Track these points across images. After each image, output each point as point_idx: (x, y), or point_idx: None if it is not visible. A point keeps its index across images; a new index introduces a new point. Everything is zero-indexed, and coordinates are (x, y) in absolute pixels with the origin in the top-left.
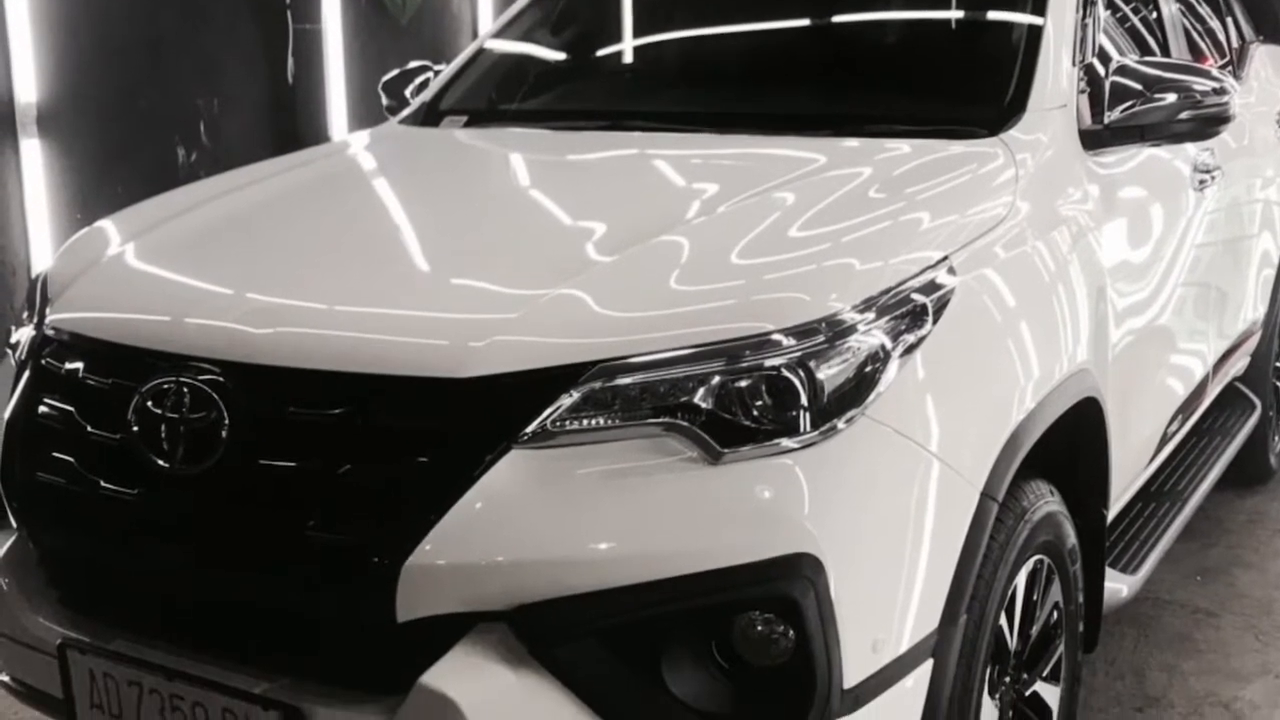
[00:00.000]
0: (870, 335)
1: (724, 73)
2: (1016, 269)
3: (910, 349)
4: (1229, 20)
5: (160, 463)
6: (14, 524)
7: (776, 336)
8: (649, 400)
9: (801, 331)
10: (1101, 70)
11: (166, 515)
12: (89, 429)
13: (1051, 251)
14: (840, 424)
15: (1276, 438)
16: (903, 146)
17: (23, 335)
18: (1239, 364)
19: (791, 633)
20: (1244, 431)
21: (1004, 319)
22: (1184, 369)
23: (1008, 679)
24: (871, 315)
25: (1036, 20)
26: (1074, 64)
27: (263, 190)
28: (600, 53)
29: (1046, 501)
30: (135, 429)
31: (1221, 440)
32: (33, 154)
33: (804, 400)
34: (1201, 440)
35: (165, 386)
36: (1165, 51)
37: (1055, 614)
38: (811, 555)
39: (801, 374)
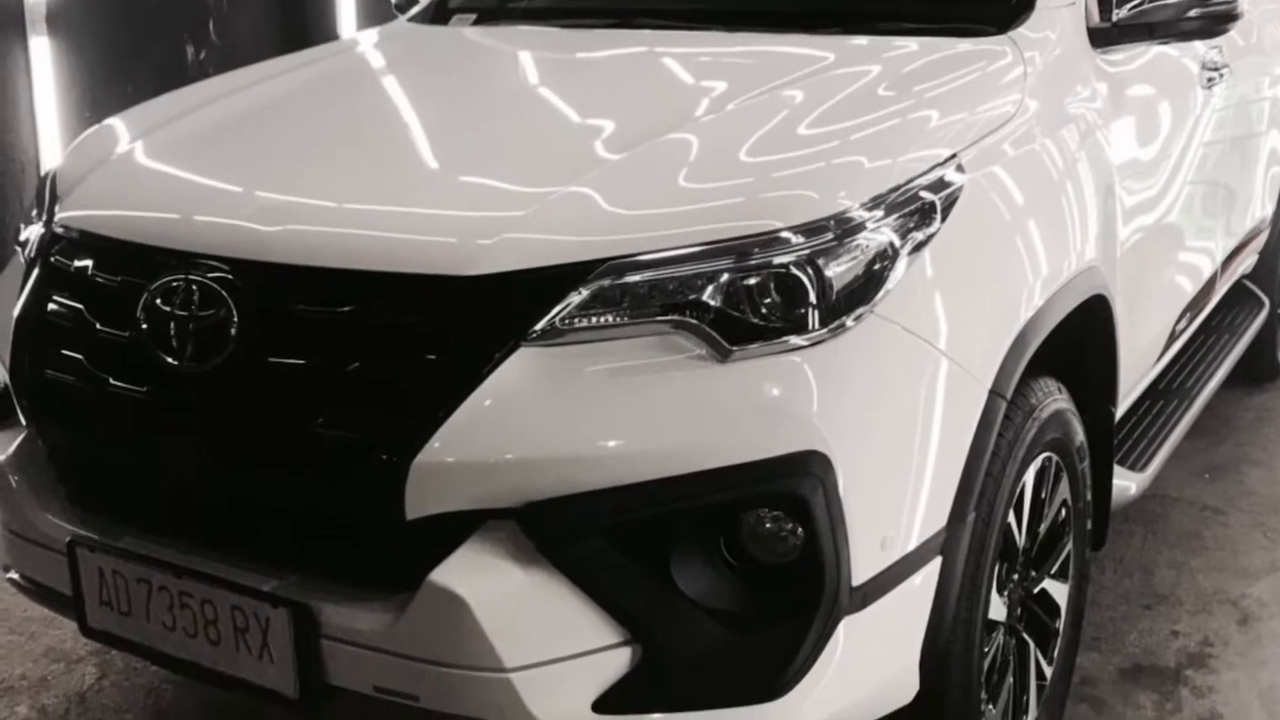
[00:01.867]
0: (879, 233)
1: None
2: (1025, 167)
3: (919, 247)
4: None
5: (169, 360)
6: (23, 421)
7: (785, 234)
8: (658, 298)
9: (810, 229)
10: None
11: (175, 412)
12: (98, 327)
13: (1060, 149)
14: (849, 322)
15: None
16: (911, 44)
17: (32, 233)
18: (1247, 261)
19: (800, 530)
20: (1252, 329)
21: (1012, 217)
22: (1192, 266)
23: (1016, 576)
24: (880, 213)
25: None
26: None
27: (272, 88)
28: None
29: (1055, 399)
30: (144, 326)
31: (1229, 338)
32: (42, 52)
33: (813, 298)
34: (1209, 338)
35: (174, 284)
36: None
37: (1063, 512)
38: (820, 452)
39: (810, 272)
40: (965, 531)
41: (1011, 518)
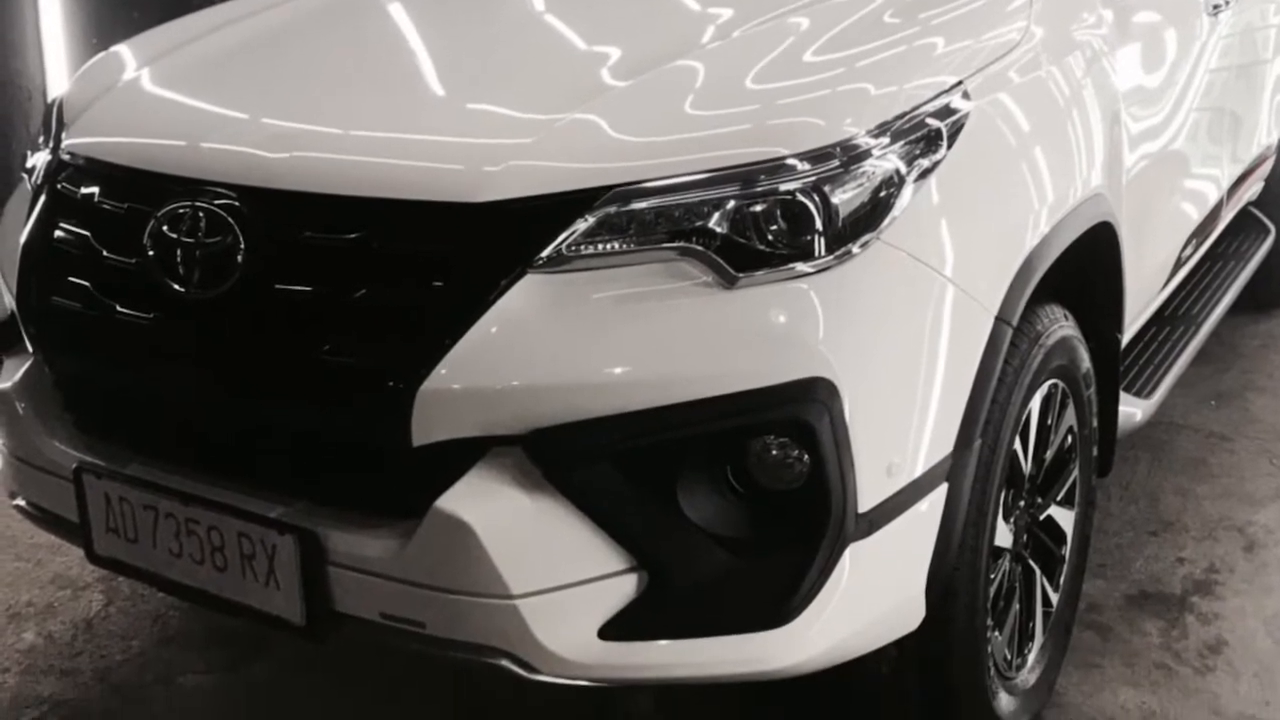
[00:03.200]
0: (885, 160)
1: None
2: (1031, 94)
3: (925, 174)
4: None
5: (176, 287)
6: (30, 348)
7: (791, 161)
8: (664, 225)
9: (816, 156)
10: None
11: (182, 340)
12: (105, 254)
13: (1066, 76)
14: (855, 249)
15: None
16: None
17: (38, 160)
18: (1253, 189)
19: (806, 457)
20: (1258, 256)
21: (1018, 144)
22: (1198, 194)
23: (1022, 503)
24: (886, 140)
25: None
26: None
27: (279, 15)
28: None
29: (1061, 326)
30: (151, 253)
31: (1235, 265)
32: None
33: (819, 225)
34: (1215, 265)
35: (181, 211)
36: None
37: (1069, 438)
38: (826, 379)
39: (816, 198)
40: (971, 458)
41: (1018, 444)
